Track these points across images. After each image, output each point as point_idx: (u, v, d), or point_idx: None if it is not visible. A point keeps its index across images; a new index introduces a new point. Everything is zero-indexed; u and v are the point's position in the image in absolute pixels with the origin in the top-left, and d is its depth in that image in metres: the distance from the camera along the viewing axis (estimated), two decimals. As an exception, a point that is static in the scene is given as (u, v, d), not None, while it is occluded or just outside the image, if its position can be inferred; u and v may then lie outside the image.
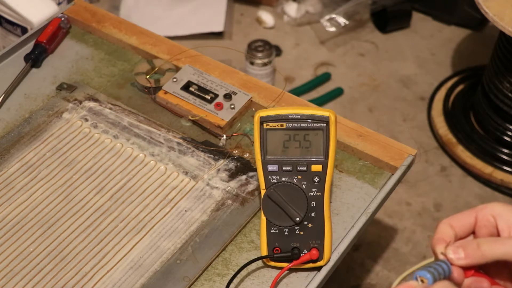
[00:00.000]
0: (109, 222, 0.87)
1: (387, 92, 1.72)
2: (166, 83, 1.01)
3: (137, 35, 1.11)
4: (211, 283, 0.82)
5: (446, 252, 0.58)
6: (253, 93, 1.01)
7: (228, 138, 0.97)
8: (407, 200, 1.48)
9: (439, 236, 0.60)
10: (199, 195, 0.90)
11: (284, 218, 0.79)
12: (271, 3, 1.93)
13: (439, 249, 0.59)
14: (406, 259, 1.37)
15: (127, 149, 0.95)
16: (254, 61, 1.66)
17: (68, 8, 1.15)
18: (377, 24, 1.89)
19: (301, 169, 0.79)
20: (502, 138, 1.53)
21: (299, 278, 0.82)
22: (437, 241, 0.59)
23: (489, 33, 1.85)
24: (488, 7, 1.32)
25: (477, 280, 0.59)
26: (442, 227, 0.60)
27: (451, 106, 1.66)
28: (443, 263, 0.57)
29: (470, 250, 0.58)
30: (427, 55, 1.82)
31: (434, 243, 0.60)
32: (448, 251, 0.58)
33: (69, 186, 0.91)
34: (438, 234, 0.60)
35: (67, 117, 0.99)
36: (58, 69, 1.08)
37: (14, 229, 0.86)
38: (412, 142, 1.59)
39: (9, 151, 0.95)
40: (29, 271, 0.82)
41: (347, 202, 0.90)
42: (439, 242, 0.59)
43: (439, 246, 0.59)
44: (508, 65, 1.42)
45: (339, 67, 1.78)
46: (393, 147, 0.94)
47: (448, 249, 0.58)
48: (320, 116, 0.78)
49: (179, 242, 0.85)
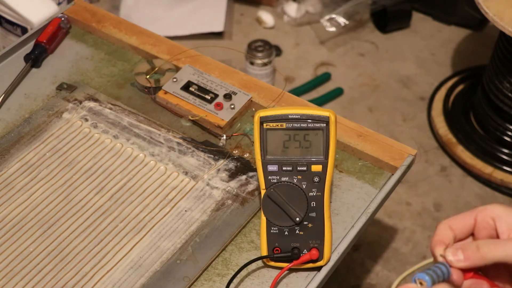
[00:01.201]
0: (109, 222, 0.87)
1: (387, 92, 1.72)
2: (166, 83, 1.01)
3: (137, 35, 1.11)
4: (211, 283, 0.82)
5: (445, 254, 0.58)
6: (253, 93, 1.01)
7: (228, 138, 0.97)
8: (407, 200, 1.48)
9: (438, 238, 0.59)
10: (199, 195, 0.90)
11: (284, 218, 0.79)
12: (271, 3, 1.93)
13: (438, 251, 0.59)
14: (406, 259, 1.37)
15: (127, 149, 0.95)
16: (254, 61, 1.66)
17: (68, 8, 1.15)
18: (377, 24, 1.89)
19: (301, 169, 0.79)
20: (502, 138, 1.53)
21: (299, 278, 0.82)
22: (436, 243, 0.59)
23: (489, 33, 1.85)
24: (488, 7, 1.32)
25: (477, 282, 0.59)
26: (441, 228, 0.60)
27: (451, 106, 1.65)
28: (442, 265, 0.57)
29: (470, 252, 0.57)
30: (427, 55, 1.81)
31: (433, 245, 0.59)
32: (448, 253, 0.58)
33: (69, 186, 0.91)
34: (437, 236, 0.60)
35: (67, 117, 0.99)
36: (58, 69, 1.07)
37: (14, 229, 0.86)
38: (412, 142, 1.59)
39: (9, 151, 0.95)
40: (29, 271, 0.82)
41: (347, 202, 0.90)
42: (438, 244, 0.59)
43: (438, 248, 0.59)
44: (508, 65, 1.42)
45: (339, 67, 1.78)
46: (393, 147, 0.94)
47: (447, 251, 0.58)
48: (320, 116, 0.78)
49: (179, 242, 0.85)
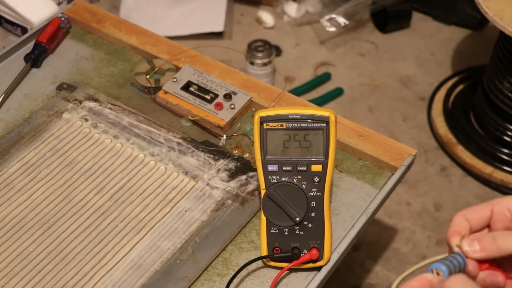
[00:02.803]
0: (109, 222, 0.87)
1: (387, 92, 1.72)
2: (166, 83, 1.01)
3: (137, 35, 1.11)
4: (211, 283, 0.82)
5: (461, 245, 0.58)
6: (253, 93, 1.01)
7: (228, 138, 0.97)
8: (407, 200, 1.48)
9: (454, 228, 0.59)
10: (199, 195, 0.90)
11: (284, 218, 0.79)
12: (271, 3, 1.93)
13: (454, 242, 0.58)
14: (406, 259, 1.37)
15: (127, 149, 0.95)
16: (254, 61, 1.66)
17: (68, 8, 1.15)
18: (377, 24, 1.89)
19: (301, 169, 0.79)
20: (502, 138, 1.53)
21: (299, 278, 0.82)
22: (452, 233, 0.59)
23: (489, 33, 1.85)
24: (488, 7, 1.32)
25: (492, 274, 0.59)
26: (457, 219, 0.60)
27: (451, 106, 1.65)
28: (458, 256, 0.57)
29: (486, 243, 0.57)
30: (427, 55, 1.81)
31: (449, 236, 0.59)
32: (464, 244, 0.58)
33: (69, 186, 0.91)
34: (453, 227, 0.59)
35: (67, 117, 0.99)
36: (58, 69, 1.07)
37: (14, 229, 0.86)
38: (412, 142, 1.59)
39: (9, 151, 0.95)
40: (29, 271, 0.82)
41: (347, 202, 0.90)
42: (454, 235, 0.59)
43: (454, 238, 0.59)
44: (508, 65, 1.42)
45: (339, 67, 1.78)
46: (393, 147, 0.94)
47: (463, 242, 0.58)
48: (320, 116, 0.78)
49: (179, 242, 0.85)
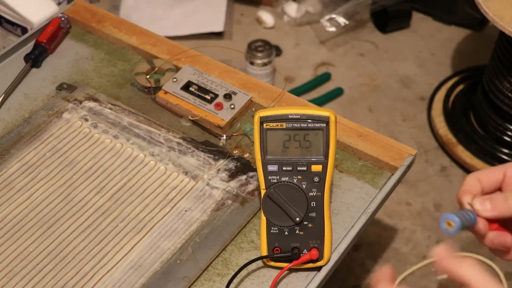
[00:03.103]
0: (109, 222, 0.87)
1: (387, 92, 1.72)
2: (166, 83, 1.01)
3: (137, 35, 1.11)
4: (211, 283, 0.82)
5: (472, 203, 0.58)
6: (253, 93, 1.01)
7: (228, 138, 0.97)
8: (407, 200, 1.48)
9: (466, 188, 0.60)
10: (199, 195, 0.90)
11: (284, 218, 0.79)
12: (271, 3, 1.93)
13: (466, 200, 0.59)
14: (406, 259, 1.37)
15: (127, 149, 0.95)
16: (254, 61, 1.66)
17: (68, 8, 1.15)
18: (377, 24, 1.89)
19: (301, 169, 0.79)
20: (502, 138, 1.53)
21: (299, 278, 0.82)
22: (464, 192, 0.59)
23: (489, 33, 1.85)
24: (488, 7, 1.32)
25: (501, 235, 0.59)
26: (470, 179, 0.60)
27: (451, 106, 1.65)
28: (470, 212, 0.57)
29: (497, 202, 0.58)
30: (427, 55, 1.81)
31: (461, 194, 0.59)
32: (475, 202, 0.58)
33: (69, 186, 0.91)
34: (465, 186, 0.60)
35: (67, 117, 0.99)
36: (58, 69, 1.08)
37: (14, 229, 0.86)
38: (412, 142, 1.59)
39: (9, 151, 0.95)
40: (29, 271, 0.82)
41: (347, 202, 0.90)
42: (465, 193, 0.59)
43: (466, 197, 0.59)
44: (508, 65, 1.42)
45: (339, 67, 1.78)
46: (393, 147, 0.94)
47: (475, 200, 0.58)
48: (320, 116, 0.78)
49: (179, 242, 0.85)
